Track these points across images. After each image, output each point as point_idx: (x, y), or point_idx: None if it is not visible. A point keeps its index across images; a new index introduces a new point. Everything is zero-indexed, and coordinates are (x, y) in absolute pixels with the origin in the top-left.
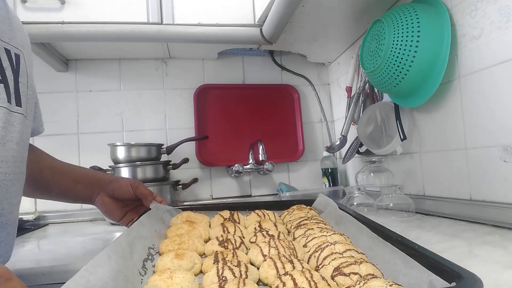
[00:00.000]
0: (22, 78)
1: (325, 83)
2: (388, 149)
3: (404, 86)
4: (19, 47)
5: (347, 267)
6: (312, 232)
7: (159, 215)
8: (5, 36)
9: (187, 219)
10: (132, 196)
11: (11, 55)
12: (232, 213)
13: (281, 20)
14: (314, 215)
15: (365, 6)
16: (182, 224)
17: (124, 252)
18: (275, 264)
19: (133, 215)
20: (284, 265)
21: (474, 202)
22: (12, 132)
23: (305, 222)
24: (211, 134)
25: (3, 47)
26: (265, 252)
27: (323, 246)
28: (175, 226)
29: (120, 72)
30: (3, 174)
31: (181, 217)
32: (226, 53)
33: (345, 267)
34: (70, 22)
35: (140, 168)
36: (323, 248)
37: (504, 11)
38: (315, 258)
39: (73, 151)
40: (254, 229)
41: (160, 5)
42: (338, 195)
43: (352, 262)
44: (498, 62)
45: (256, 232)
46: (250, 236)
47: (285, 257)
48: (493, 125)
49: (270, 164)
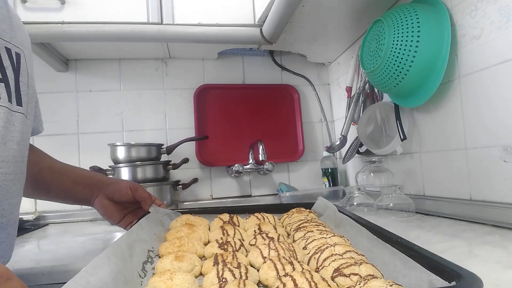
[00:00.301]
0: (22, 77)
1: (325, 83)
2: (388, 149)
3: (404, 86)
4: (20, 46)
5: (347, 268)
6: (312, 234)
7: (159, 218)
8: (5, 35)
9: (186, 222)
10: (131, 199)
11: (12, 54)
12: (232, 216)
13: (281, 20)
14: (313, 218)
15: (365, 6)
16: (181, 227)
17: (123, 255)
18: (275, 265)
19: (132, 218)
20: (284, 267)
21: (474, 202)
22: (13, 132)
23: (305, 225)
24: (211, 134)
25: (4, 46)
26: (265, 254)
27: (323, 248)
28: (175, 229)
29: (120, 72)
30: (4, 174)
31: (180, 220)
32: (226, 53)
33: (345, 268)
34: (70, 22)
35: (140, 168)
36: (323, 250)
37: (504, 11)
38: (315, 259)
39: (73, 151)
40: (254, 232)
41: (160, 5)
42: (338, 195)
43: (352, 263)
44: (498, 62)
45: (255, 234)
46: (250, 238)
47: (285, 258)
48: (493, 125)
49: (270, 164)
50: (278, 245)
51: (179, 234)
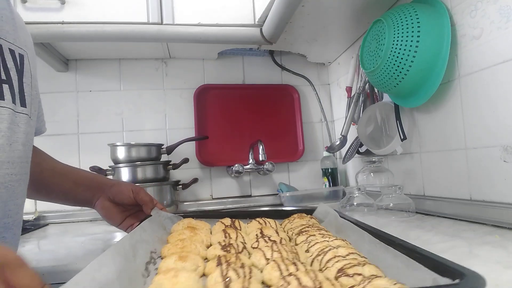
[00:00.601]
0: (26, 78)
1: (325, 83)
2: (388, 149)
3: (404, 86)
4: (23, 47)
5: (351, 268)
6: (314, 238)
7: (160, 222)
8: (9, 36)
9: (188, 225)
10: (133, 202)
11: (15, 55)
12: (234, 220)
13: (281, 20)
14: (315, 223)
15: (365, 6)
16: (183, 230)
17: (127, 254)
18: (278, 266)
19: (133, 220)
20: (288, 267)
21: (474, 202)
22: (18, 133)
23: (307, 229)
24: (211, 134)
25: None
26: (268, 256)
27: (325, 250)
28: (177, 232)
29: (120, 72)
30: (10, 175)
31: (182, 224)
32: (226, 53)
33: (348, 268)
34: (70, 22)
35: (140, 168)
36: (326, 252)
37: (504, 11)
38: (318, 261)
39: (73, 151)
40: (256, 236)
41: (160, 5)
42: (338, 195)
43: (355, 263)
44: (498, 62)
45: (258, 238)
46: (252, 242)
47: (288, 259)
48: (493, 125)
49: (270, 164)
50: (281, 248)
51: (181, 237)
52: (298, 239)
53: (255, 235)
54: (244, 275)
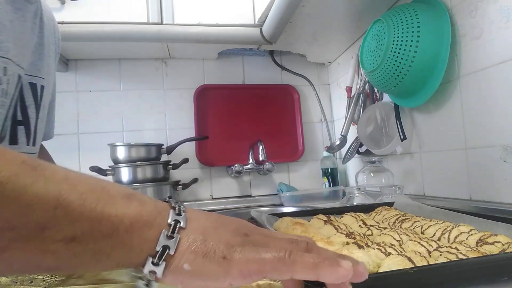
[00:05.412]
0: (42, 112)
1: (325, 83)
2: (388, 149)
3: (404, 86)
4: (46, 75)
5: (488, 238)
6: (424, 222)
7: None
8: (32, 69)
9: (296, 222)
10: None
11: (36, 89)
12: (329, 216)
13: (281, 20)
14: (405, 213)
15: (365, 6)
16: (293, 225)
17: None
18: (419, 242)
19: None
20: (429, 243)
21: (474, 202)
22: None
23: (407, 217)
24: (211, 134)
25: (28, 81)
26: (397, 238)
27: (448, 229)
28: (286, 228)
29: (120, 72)
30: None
31: (284, 221)
32: (226, 53)
33: (486, 238)
34: (70, 22)
35: (140, 168)
36: (449, 230)
37: (504, 11)
38: (445, 238)
39: (73, 151)
40: (360, 226)
41: (160, 5)
42: (338, 195)
43: (489, 235)
44: (498, 62)
45: (367, 227)
46: (364, 230)
47: (419, 238)
48: (493, 125)
49: (270, 164)
50: (401, 231)
51: (295, 232)
52: (403, 226)
53: (359, 226)
54: (396, 251)
